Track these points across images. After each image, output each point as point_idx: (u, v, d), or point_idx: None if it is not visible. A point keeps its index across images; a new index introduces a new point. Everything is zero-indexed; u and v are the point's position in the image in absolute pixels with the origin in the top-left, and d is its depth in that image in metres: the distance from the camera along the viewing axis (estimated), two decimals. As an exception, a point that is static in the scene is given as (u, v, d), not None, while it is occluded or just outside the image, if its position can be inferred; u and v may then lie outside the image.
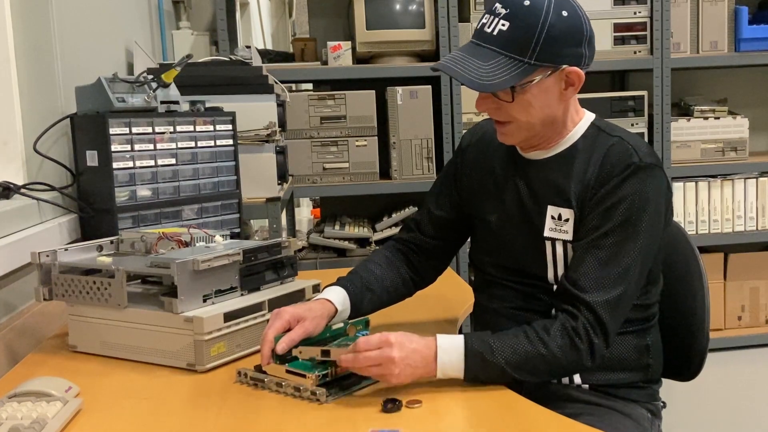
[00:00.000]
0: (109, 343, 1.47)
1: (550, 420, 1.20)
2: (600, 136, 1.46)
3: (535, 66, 1.35)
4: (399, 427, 1.15)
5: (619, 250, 1.37)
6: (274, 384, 1.29)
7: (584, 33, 1.39)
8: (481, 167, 1.58)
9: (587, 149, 1.45)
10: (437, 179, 1.69)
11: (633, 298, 1.42)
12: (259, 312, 1.47)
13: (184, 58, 1.97)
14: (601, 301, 1.35)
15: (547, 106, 1.41)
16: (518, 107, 1.39)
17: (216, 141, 2.03)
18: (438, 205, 1.64)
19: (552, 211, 1.45)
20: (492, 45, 1.36)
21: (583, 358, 1.35)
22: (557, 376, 1.46)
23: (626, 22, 3.16)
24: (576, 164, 1.44)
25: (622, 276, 1.37)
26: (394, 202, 3.21)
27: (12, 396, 1.19)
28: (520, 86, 1.37)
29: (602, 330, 1.35)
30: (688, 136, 3.26)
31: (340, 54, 3.00)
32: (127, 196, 1.81)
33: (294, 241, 1.61)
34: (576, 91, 1.43)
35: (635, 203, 1.37)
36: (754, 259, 3.38)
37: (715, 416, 3.31)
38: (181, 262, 1.37)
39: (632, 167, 1.38)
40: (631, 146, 1.42)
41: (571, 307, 1.36)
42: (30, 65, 1.78)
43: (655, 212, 1.40)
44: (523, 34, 1.34)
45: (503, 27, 1.35)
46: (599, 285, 1.36)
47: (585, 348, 1.34)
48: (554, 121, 1.44)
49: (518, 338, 1.33)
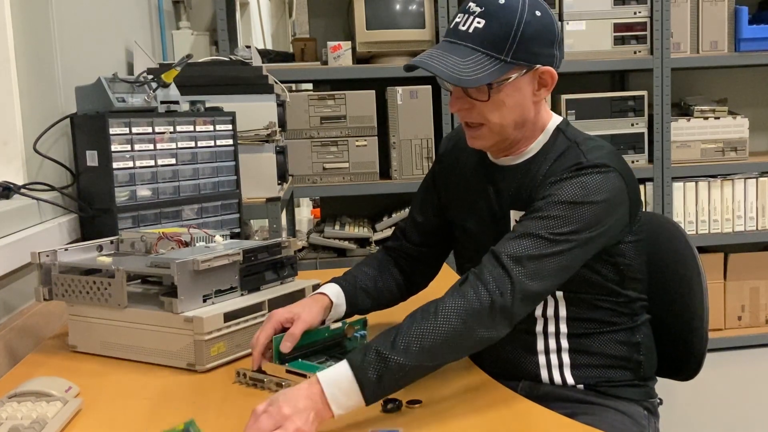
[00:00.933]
0: (109, 343, 1.47)
1: (549, 420, 1.20)
2: (559, 140, 1.45)
3: (511, 64, 1.35)
4: (399, 427, 1.15)
5: (544, 222, 1.32)
6: (273, 384, 1.29)
7: (555, 34, 1.40)
8: (456, 174, 1.59)
9: (548, 156, 1.44)
10: (419, 188, 1.69)
11: (555, 272, 1.32)
12: (259, 312, 1.47)
13: (184, 58, 1.97)
14: (513, 256, 1.28)
15: (519, 106, 1.40)
16: (492, 107, 1.39)
17: (216, 141, 2.03)
18: (421, 212, 1.64)
19: (514, 215, 1.45)
20: (468, 42, 1.36)
21: (483, 306, 1.23)
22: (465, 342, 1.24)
23: (626, 22, 3.16)
24: (537, 170, 1.44)
25: (542, 243, 1.30)
26: (394, 202, 3.21)
27: (12, 396, 1.19)
28: (497, 84, 1.36)
29: (512, 283, 1.25)
30: (688, 136, 3.26)
31: (340, 54, 3.00)
32: (127, 196, 1.81)
33: (294, 241, 1.61)
34: (548, 93, 1.42)
35: (571, 191, 1.34)
36: (754, 259, 3.38)
37: (715, 416, 3.31)
38: (181, 262, 1.37)
39: (577, 165, 1.37)
40: (582, 151, 1.40)
41: (476, 269, 1.29)
42: (30, 65, 1.78)
43: (602, 205, 1.35)
44: (499, 32, 1.34)
45: (479, 24, 1.35)
46: (517, 245, 1.29)
47: (483, 297, 1.23)
48: (525, 123, 1.43)
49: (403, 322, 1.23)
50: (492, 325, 1.24)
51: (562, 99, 3.17)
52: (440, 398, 1.25)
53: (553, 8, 3.15)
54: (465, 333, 1.23)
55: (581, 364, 1.48)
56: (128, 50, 2.55)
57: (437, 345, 1.20)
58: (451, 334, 1.21)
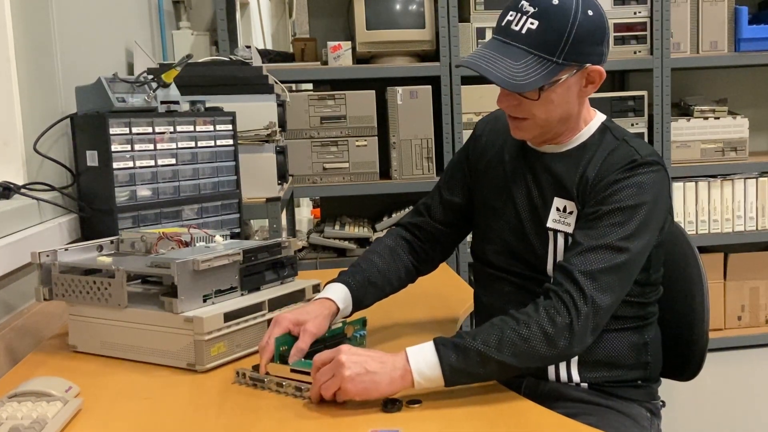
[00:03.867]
0: (109, 343, 1.47)
1: (550, 420, 1.20)
2: (607, 137, 1.48)
3: (563, 65, 1.36)
4: (399, 427, 1.15)
5: (610, 231, 1.36)
6: (274, 384, 1.29)
7: (606, 32, 1.40)
8: (492, 155, 1.59)
9: (593, 148, 1.47)
10: (448, 166, 1.70)
11: (624, 279, 1.37)
12: (259, 312, 1.47)
13: (184, 58, 1.97)
14: (586, 272, 1.32)
15: (566, 103, 1.42)
16: (541, 105, 1.40)
17: (216, 141, 2.03)
18: (449, 190, 1.65)
19: (558, 202, 1.46)
20: (521, 44, 1.36)
21: (563, 332, 1.28)
22: (543, 358, 1.30)
23: (626, 22, 3.16)
24: (582, 161, 1.46)
25: (610, 253, 1.34)
26: (394, 202, 3.21)
27: (12, 396, 1.19)
28: (548, 85, 1.37)
29: (585, 302, 1.30)
30: (688, 136, 3.26)
31: (340, 54, 3.00)
32: (127, 196, 1.81)
33: (294, 241, 1.61)
34: (595, 89, 1.44)
35: (631, 192, 1.38)
36: (754, 259, 3.38)
37: (715, 416, 3.31)
38: (181, 262, 1.37)
39: (633, 163, 1.40)
40: (634, 148, 1.43)
41: (554, 285, 1.34)
42: (30, 65, 1.78)
43: (652, 205, 1.39)
44: (552, 34, 1.34)
45: (532, 26, 1.34)
46: (586, 260, 1.33)
47: (563, 322, 1.29)
48: (569, 118, 1.46)
49: (492, 323, 1.30)
50: (567, 345, 1.30)
51: (562, 99, 3.16)
52: (440, 398, 1.25)
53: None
54: (550, 350, 1.29)
55: (589, 361, 1.48)
56: (128, 50, 2.55)
57: (522, 353, 1.27)
58: (539, 349, 1.28)
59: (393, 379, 1.22)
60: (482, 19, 3.05)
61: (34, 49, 1.80)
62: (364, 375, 1.21)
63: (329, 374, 1.22)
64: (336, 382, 1.21)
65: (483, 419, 1.21)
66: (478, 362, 1.25)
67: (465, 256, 2.93)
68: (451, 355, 1.25)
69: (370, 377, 1.21)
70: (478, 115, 3.00)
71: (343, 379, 1.20)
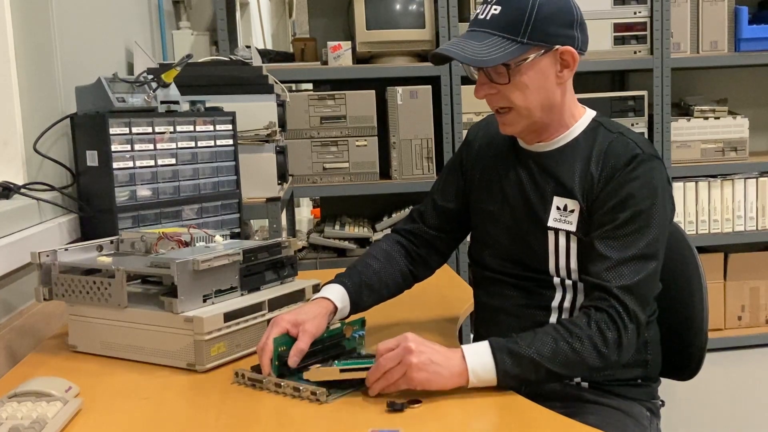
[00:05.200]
0: (109, 343, 1.47)
1: (550, 420, 1.20)
2: (600, 131, 1.49)
3: (528, 45, 1.39)
4: (399, 427, 1.15)
5: (635, 239, 1.39)
6: (272, 384, 1.29)
7: (574, 15, 1.43)
8: (484, 159, 1.60)
9: (588, 143, 1.48)
10: (442, 172, 1.71)
11: (655, 285, 1.45)
12: (259, 312, 1.47)
13: (184, 58, 1.97)
14: (624, 288, 1.36)
15: (543, 88, 1.43)
16: (515, 90, 1.42)
17: (216, 141, 2.03)
18: (443, 196, 1.65)
19: (558, 201, 1.47)
20: (486, 28, 1.41)
21: (613, 347, 1.34)
22: (590, 369, 1.35)
23: (626, 22, 3.16)
24: (578, 158, 1.47)
25: (641, 263, 1.38)
26: (394, 202, 3.21)
27: (12, 396, 1.19)
28: (515, 65, 1.40)
29: (630, 317, 1.35)
30: (688, 136, 3.26)
31: (340, 54, 3.00)
32: (127, 196, 1.81)
33: (294, 241, 1.61)
34: (572, 74, 1.46)
35: (644, 194, 1.40)
36: (754, 259, 3.38)
37: (715, 416, 3.31)
38: (181, 262, 1.37)
39: (636, 159, 1.42)
40: (632, 140, 1.45)
41: (598, 301, 1.37)
42: (30, 65, 1.78)
43: (662, 201, 1.42)
44: (514, 15, 1.39)
45: (495, 11, 1.41)
46: (620, 274, 1.37)
47: (613, 337, 1.34)
48: (552, 106, 1.46)
49: (546, 332, 1.33)
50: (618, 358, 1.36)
51: (562, 99, 3.16)
52: (440, 398, 1.25)
53: (553, 8, 3.15)
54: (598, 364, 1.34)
55: None
56: (128, 50, 2.55)
57: (572, 364, 1.32)
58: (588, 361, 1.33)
59: (452, 374, 1.25)
60: (482, 19, 3.05)
61: (34, 49, 1.80)
62: (429, 365, 1.23)
63: (396, 361, 1.23)
64: (402, 369, 1.23)
65: (483, 419, 1.21)
66: (530, 369, 1.29)
67: (465, 257, 2.93)
68: (507, 360, 1.28)
69: (434, 368, 1.24)
70: (478, 115, 3.00)
71: (410, 366, 1.22)
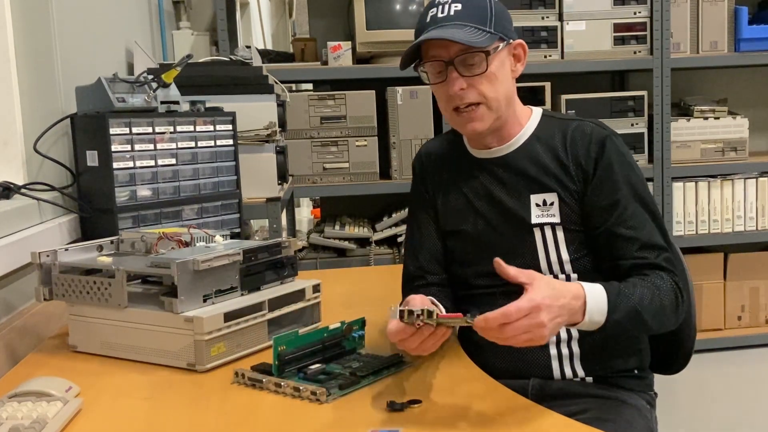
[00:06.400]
0: (110, 343, 1.47)
1: (550, 420, 1.20)
2: (554, 123, 1.54)
3: (495, 35, 1.46)
4: (399, 427, 1.15)
5: (643, 209, 1.47)
6: (272, 384, 1.29)
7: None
8: (442, 183, 1.61)
9: (548, 136, 1.52)
10: (410, 219, 1.67)
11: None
12: (259, 312, 1.47)
13: (184, 58, 1.97)
14: (667, 259, 1.46)
15: (506, 80, 1.49)
16: (486, 81, 1.46)
17: (216, 141, 2.03)
18: (427, 237, 1.62)
19: (536, 199, 1.50)
20: (456, 21, 1.44)
21: (681, 309, 1.44)
22: (668, 326, 1.46)
23: (626, 22, 3.16)
24: (543, 151, 1.51)
25: (656, 224, 1.48)
26: (394, 202, 3.21)
27: (12, 396, 1.19)
28: (494, 50, 1.45)
29: (681, 287, 1.45)
30: (688, 136, 3.27)
31: (340, 54, 3.01)
32: (127, 196, 1.81)
33: (294, 241, 1.61)
34: (523, 67, 1.53)
35: (626, 167, 1.48)
36: (754, 259, 3.38)
37: (715, 416, 3.31)
38: (181, 262, 1.37)
39: (607, 140, 1.48)
40: (590, 123, 1.52)
41: (653, 270, 1.44)
42: (30, 65, 1.78)
43: (635, 163, 1.52)
44: (477, 10, 1.46)
45: (457, 8, 1.45)
46: (654, 246, 1.45)
47: (680, 300, 1.43)
48: (511, 100, 1.52)
49: (643, 285, 1.40)
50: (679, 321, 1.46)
51: (562, 99, 3.17)
52: (440, 398, 1.25)
53: (553, 8, 3.15)
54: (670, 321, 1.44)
55: (589, 352, 1.50)
56: (128, 50, 2.55)
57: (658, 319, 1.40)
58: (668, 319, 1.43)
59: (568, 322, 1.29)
60: (482, 19, 3.05)
61: (34, 49, 1.80)
62: (554, 329, 1.24)
63: (525, 329, 1.20)
64: (527, 339, 1.21)
65: (483, 419, 1.21)
66: (632, 318, 1.35)
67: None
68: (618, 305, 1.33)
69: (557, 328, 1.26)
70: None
71: (541, 338, 1.21)
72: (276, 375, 1.31)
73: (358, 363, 1.37)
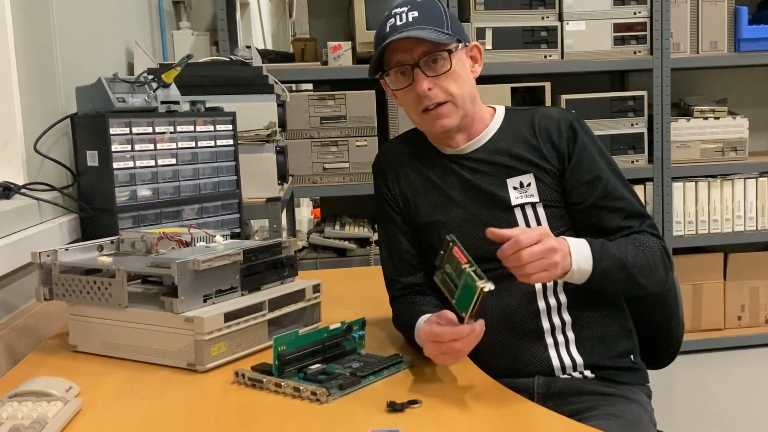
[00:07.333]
0: (110, 343, 1.47)
1: (550, 420, 1.20)
2: (519, 114, 1.62)
3: (453, 36, 1.52)
4: (399, 427, 1.15)
5: (619, 180, 1.56)
6: (272, 384, 1.29)
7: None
8: (409, 179, 1.63)
9: (515, 126, 1.59)
10: (380, 226, 1.68)
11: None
12: (260, 312, 1.47)
13: (184, 58, 1.97)
14: (652, 225, 1.55)
15: (468, 79, 1.56)
16: (450, 79, 1.52)
17: (216, 141, 2.03)
18: (400, 241, 1.63)
19: (512, 182, 1.55)
20: (416, 25, 1.50)
21: (670, 266, 1.52)
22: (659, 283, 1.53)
23: (626, 22, 3.16)
24: (513, 140, 1.58)
25: (633, 192, 1.56)
26: (394, 202, 3.21)
27: (12, 396, 1.19)
28: (455, 49, 1.52)
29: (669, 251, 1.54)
30: (688, 136, 3.26)
31: (340, 54, 3.00)
32: (127, 196, 1.81)
33: (294, 241, 1.61)
34: (480, 68, 1.60)
35: (596, 145, 1.57)
36: (754, 259, 3.38)
37: (715, 416, 3.31)
38: (181, 262, 1.37)
39: (574, 122, 1.57)
40: (553, 109, 1.61)
41: (645, 235, 1.52)
42: (30, 65, 1.79)
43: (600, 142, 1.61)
44: (434, 14, 1.53)
45: (414, 14, 1.51)
46: (639, 214, 1.54)
47: (669, 260, 1.52)
48: (475, 98, 1.58)
49: (625, 242, 1.48)
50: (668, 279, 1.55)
51: (562, 99, 3.16)
52: (440, 398, 1.25)
53: (553, 8, 3.15)
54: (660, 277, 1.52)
55: (584, 337, 1.54)
56: (128, 50, 2.55)
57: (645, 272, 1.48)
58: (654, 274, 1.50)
59: (564, 266, 1.37)
60: (482, 19, 3.05)
61: (34, 49, 1.80)
62: (562, 262, 1.35)
63: (539, 254, 1.30)
64: (542, 266, 1.31)
65: (483, 419, 1.21)
66: (618, 268, 1.44)
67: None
68: (602, 255, 1.42)
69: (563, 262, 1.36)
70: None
71: (555, 265, 1.33)
72: (276, 375, 1.31)
73: (358, 363, 1.38)
